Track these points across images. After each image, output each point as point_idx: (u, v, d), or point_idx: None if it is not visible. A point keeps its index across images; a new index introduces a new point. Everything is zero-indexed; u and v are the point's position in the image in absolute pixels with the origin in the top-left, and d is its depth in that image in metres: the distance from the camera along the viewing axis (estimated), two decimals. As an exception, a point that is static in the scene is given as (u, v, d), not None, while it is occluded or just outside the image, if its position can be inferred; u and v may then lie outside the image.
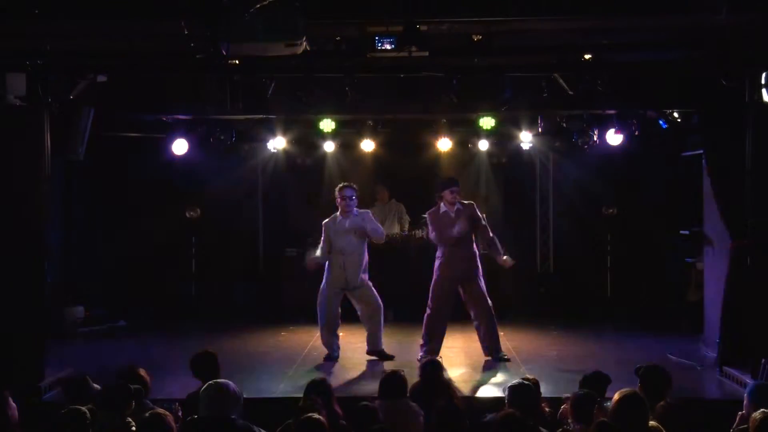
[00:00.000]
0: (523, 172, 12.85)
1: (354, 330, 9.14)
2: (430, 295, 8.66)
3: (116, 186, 11.93)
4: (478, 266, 8.65)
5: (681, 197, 11.06)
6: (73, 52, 7.51)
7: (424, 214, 9.04)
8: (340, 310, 8.79)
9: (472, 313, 8.67)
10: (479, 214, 8.71)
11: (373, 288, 8.75)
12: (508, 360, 8.56)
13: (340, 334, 8.87)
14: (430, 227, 8.78)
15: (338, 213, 8.74)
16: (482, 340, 8.66)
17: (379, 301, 8.74)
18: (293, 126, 11.11)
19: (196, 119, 10.67)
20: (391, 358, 8.68)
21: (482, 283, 8.62)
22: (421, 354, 8.44)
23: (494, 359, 8.55)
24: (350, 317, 8.93)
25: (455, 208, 8.58)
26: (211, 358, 5.91)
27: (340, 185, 8.83)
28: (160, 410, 4.60)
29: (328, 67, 7.73)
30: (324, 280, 8.74)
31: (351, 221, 8.65)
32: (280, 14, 6.01)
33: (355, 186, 8.81)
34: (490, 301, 8.62)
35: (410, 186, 12.44)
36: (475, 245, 8.72)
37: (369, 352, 8.76)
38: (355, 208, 8.69)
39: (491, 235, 8.73)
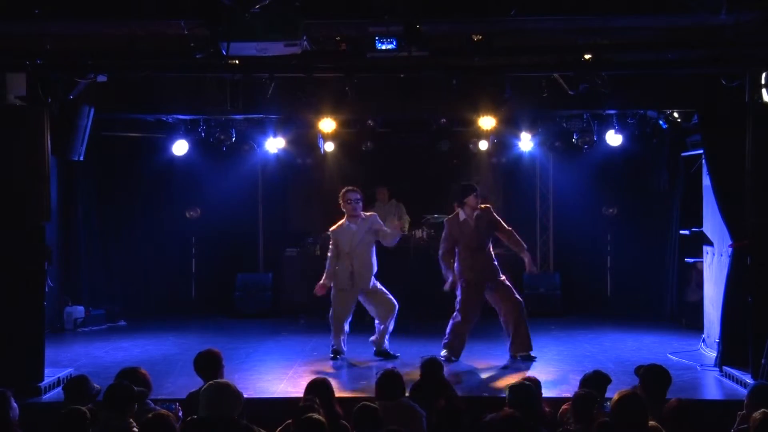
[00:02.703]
0: (523, 172, 12.84)
1: (354, 331, 9.10)
2: (458, 301, 8.56)
3: (116, 186, 11.92)
4: (497, 266, 8.63)
5: (680, 197, 11.05)
6: (73, 52, 7.50)
7: (435, 219, 8.91)
8: (353, 308, 8.73)
9: (500, 311, 8.59)
10: (497, 217, 8.69)
11: (386, 290, 8.73)
12: (534, 359, 8.46)
13: (346, 329, 8.81)
14: (444, 235, 8.67)
15: (345, 219, 8.72)
16: (512, 338, 8.53)
17: (394, 302, 8.71)
18: (293, 126, 11.11)
19: (196, 119, 10.70)
20: (395, 357, 8.68)
21: (507, 280, 8.63)
22: (444, 352, 8.43)
23: (522, 359, 8.43)
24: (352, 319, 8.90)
25: (475, 214, 8.54)
26: (214, 357, 5.90)
27: (344, 189, 8.78)
28: (163, 411, 4.60)
29: (328, 67, 7.73)
30: (332, 288, 8.70)
31: (358, 225, 8.65)
32: (280, 14, 6.01)
33: (358, 189, 8.79)
34: (519, 296, 8.63)
35: (410, 186, 12.44)
36: (490, 247, 8.69)
37: (376, 353, 8.74)
38: (361, 212, 8.69)
39: (518, 237, 8.70)
